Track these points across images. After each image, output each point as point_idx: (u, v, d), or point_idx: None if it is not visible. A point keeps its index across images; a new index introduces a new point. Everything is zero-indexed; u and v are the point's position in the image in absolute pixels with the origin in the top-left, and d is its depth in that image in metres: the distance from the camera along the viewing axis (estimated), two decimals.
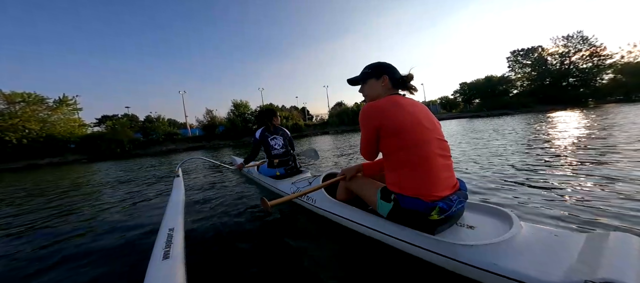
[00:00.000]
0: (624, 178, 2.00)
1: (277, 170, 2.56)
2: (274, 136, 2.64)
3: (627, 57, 34.12)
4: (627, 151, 2.94)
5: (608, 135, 4.29)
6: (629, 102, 25.00)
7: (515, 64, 38.94)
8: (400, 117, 1.09)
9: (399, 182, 1.11)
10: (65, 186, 4.80)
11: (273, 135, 2.64)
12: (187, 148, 21.66)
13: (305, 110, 38.90)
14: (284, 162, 2.59)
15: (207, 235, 1.64)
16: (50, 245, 1.70)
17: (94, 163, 13.31)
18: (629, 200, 1.58)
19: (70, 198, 3.49)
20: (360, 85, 1.33)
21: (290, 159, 2.62)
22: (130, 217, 2.21)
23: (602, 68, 33.49)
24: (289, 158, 2.62)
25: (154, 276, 0.85)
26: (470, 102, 39.24)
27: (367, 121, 1.15)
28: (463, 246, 0.96)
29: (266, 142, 2.60)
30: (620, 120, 6.63)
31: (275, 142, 2.62)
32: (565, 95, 32.87)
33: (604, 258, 0.77)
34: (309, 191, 1.49)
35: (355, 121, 29.25)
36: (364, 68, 1.30)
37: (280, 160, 2.58)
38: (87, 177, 6.31)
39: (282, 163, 2.58)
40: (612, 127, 5.42)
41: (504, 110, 28.98)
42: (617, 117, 7.89)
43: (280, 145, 2.62)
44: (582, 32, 34.11)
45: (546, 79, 36.26)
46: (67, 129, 20.81)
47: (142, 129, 24.93)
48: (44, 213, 2.64)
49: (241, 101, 27.46)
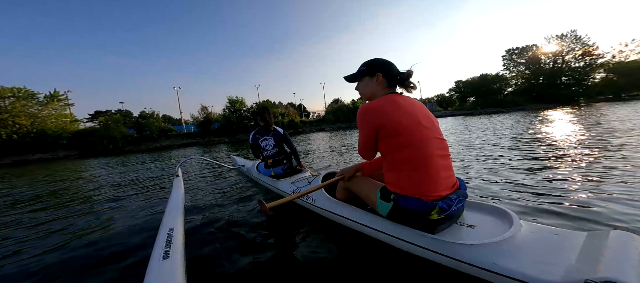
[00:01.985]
0: (624, 178, 1.99)
1: (273, 170, 2.54)
2: (265, 138, 2.62)
3: (618, 56, 34.80)
4: (627, 150, 2.94)
5: (606, 134, 4.30)
6: (619, 101, 25.53)
7: (510, 63, 39.40)
8: (398, 118, 1.07)
9: (398, 182, 1.10)
10: (58, 184, 4.74)
11: (264, 136, 2.63)
12: (182, 145, 21.45)
13: (302, 107, 38.83)
14: (278, 162, 2.57)
15: (207, 235, 1.63)
16: (50, 246, 1.69)
17: (86, 160, 13.12)
18: (629, 200, 1.57)
19: (67, 198, 3.45)
20: (357, 83, 1.31)
21: (284, 159, 2.60)
22: (130, 217, 2.19)
23: (594, 68, 34.10)
24: (283, 158, 2.59)
25: (154, 276, 0.85)
26: (466, 100, 39.59)
27: (366, 122, 1.13)
28: (463, 245, 0.96)
29: (257, 144, 2.62)
30: (614, 119, 6.70)
31: (266, 144, 2.61)
32: (558, 94, 33.44)
33: (604, 257, 0.76)
34: (307, 192, 1.48)
35: (351, 119, 29.27)
36: (361, 65, 1.27)
37: (273, 160, 2.56)
38: (77, 174, 6.22)
39: (276, 163, 2.56)
40: (608, 126, 5.43)
41: (498, 109, 29.39)
42: (612, 116, 7.97)
43: (271, 146, 2.60)
44: (575, 32, 34.68)
45: (540, 78, 36.77)
46: (59, 125, 20.45)
47: (136, 125, 24.60)
48: (39, 214, 2.60)
49: (237, 98, 27.23)
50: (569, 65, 35.40)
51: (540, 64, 37.07)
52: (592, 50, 33.68)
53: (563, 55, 35.52)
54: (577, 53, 34.60)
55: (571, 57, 35.15)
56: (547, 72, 36.33)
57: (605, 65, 34.14)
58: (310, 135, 17.42)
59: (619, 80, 32.82)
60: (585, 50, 33.98)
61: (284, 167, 2.56)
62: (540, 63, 37.10)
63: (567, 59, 35.45)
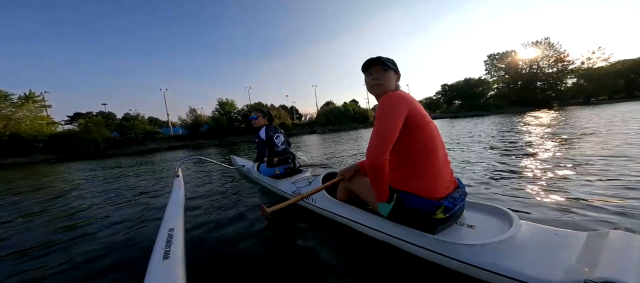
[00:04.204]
0: (624, 177, 2.02)
1: (277, 168, 2.53)
2: (277, 134, 2.63)
3: (586, 63, 37.46)
4: (627, 150, 2.96)
5: (600, 135, 4.38)
6: (588, 105, 27.23)
7: (491, 68, 41.32)
8: (421, 110, 1.09)
9: (405, 180, 1.10)
10: (46, 186, 4.58)
11: (276, 133, 2.63)
12: (169, 148, 20.84)
13: (293, 109, 38.76)
14: (284, 160, 2.58)
15: (207, 235, 1.63)
16: (48, 246, 1.67)
17: (63, 163, 12.50)
18: (629, 199, 1.59)
19: (66, 199, 3.38)
20: (379, 72, 1.18)
21: (289, 157, 2.62)
22: (130, 217, 2.18)
23: (565, 73, 36.53)
24: (288, 157, 2.61)
25: (154, 276, 0.85)
26: (452, 103, 41.06)
27: (397, 108, 1.02)
28: (463, 245, 0.96)
29: (271, 140, 2.57)
30: (597, 120, 6.94)
31: (278, 140, 2.61)
32: (535, 97, 35.47)
33: (604, 257, 0.76)
34: (308, 194, 1.49)
35: (341, 121, 29.60)
36: (387, 59, 1.18)
37: (280, 158, 2.56)
38: (62, 176, 6.00)
39: (282, 161, 2.57)
40: (597, 127, 5.56)
41: (480, 112, 30.88)
42: (593, 117, 8.22)
43: (281, 142, 2.63)
44: (549, 39, 37.03)
45: (518, 82, 38.87)
46: (34, 127, 19.28)
47: (119, 127, 23.65)
48: (32, 217, 2.54)
49: (227, 100, 26.86)
50: (543, 71, 37.66)
51: (518, 69, 39.20)
52: (563, 57, 36.14)
53: (538, 61, 37.82)
54: (550, 59, 36.97)
55: (545, 63, 37.49)
56: (524, 76, 38.46)
57: (575, 71, 36.66)
58: (300, 137, 17.44)
59: (588, 86, 35.35)
60: (557, 56, 36.38)
61: (287, 166, 2.57)
62: (518, 68, 39.24)
63: (541, 64, 37.76)
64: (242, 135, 25.49)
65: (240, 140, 23.19)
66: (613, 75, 34.34)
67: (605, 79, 34.26)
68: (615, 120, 6.68)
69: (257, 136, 2.61)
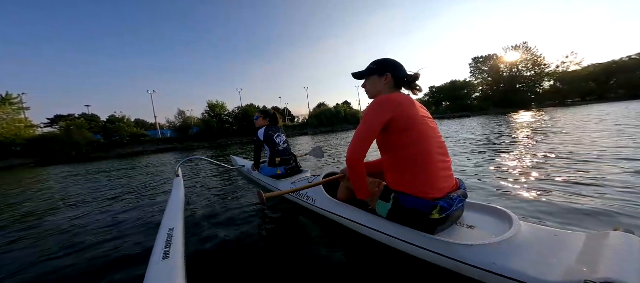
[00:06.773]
0: (624, 177, 2.02)
1: (278, 168, 2.50)
2: (278, 134, 2.61)
3: (561, 66, 39.83)
4: (626, 151, 2.92)
5: (595, 135, 4.37)
6: (564, 106, 28.80)
7: (475, 70, 43.06)
8: (413, 112, 1.09)
9: (401, 181, 1.11)
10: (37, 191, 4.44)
11: (277, 132, 2.61)
12: (157, 150, 20.32)
13: (286, 111, 38.67)
14: (286, 161, 2.54)
15: (207, 235, 1.62)
16: (48, 246, 1.68)
17: (43, 167, 11.97)
18: (629, 200, 1.59)
19: (63, 200, 3.34)
20: (363, 81, 1.29)
21: (291, 158, 2.59)
22: (130, 217, 2.18)
23: (542, 76, 38.63)
24: (290, 157, 2.58)
25: (153, 276, 0.85)
26: (440, 104, 42.34)
27: (379, 111, 1.08)
28: (463, 246, 0.96)
29: (271, 140, 2.55)
30: (589, 122, 6.91)
31: (280, 139, 2.58)
32: (515, 99, 37.25)
33: (603, 258, 0.76)
34: (306, 187, 1.50)
35: (333, 122, 29.88)
36: (371, 63, 1.26)
37: (282, 158, 2.52)
38: (56, 179, 5.80)
39: (284, 162, 2.53)
40: (588, 127, 5.59)
41: (466, 113, 32.14)
42: (569, 118, 8.58)
43: (283, 141, 2.60)
44: (526, 43, 39.12)
45: (500, 84, 40.71)
46: (11, 130, 18.28)
47: (103, 130, 22.80)
48: (29, 219, 2.49)
49: (217, 102, 26.50)
50: (522, 74, 39.66)
51: (500, 72, 41.05)
52: (540, 61, 38.24)
53: (517, 64, 39.81)
54: (528, 63, 39.00)
55: (523, 67, 39.49)
56: (505, 79, 40.34)
57: (551, 75, 38.89)
58: (293, 138, 17.46)
59: (563, 88, 37.54)
60: (535, 60, 38.45)
61: (288, 166, 2.54)
62: (500, 71, 41.11)
63: (520, 68, 39.74)
64: (233, 137, 25.20)
65: (231, 142, 22.95)
66: (585, 79, 36.64)
67: (578, 82, 36.50)
68: (592, 120, 7.09)
69: (256, 136, 2.61)
